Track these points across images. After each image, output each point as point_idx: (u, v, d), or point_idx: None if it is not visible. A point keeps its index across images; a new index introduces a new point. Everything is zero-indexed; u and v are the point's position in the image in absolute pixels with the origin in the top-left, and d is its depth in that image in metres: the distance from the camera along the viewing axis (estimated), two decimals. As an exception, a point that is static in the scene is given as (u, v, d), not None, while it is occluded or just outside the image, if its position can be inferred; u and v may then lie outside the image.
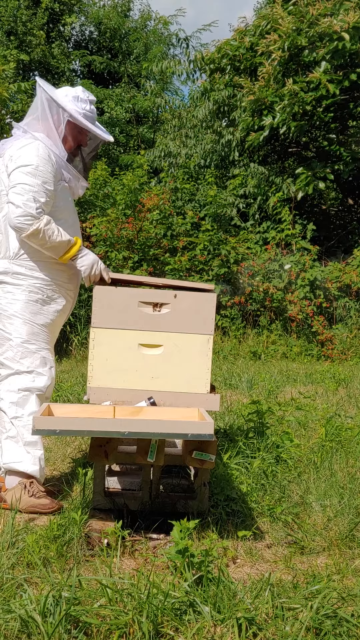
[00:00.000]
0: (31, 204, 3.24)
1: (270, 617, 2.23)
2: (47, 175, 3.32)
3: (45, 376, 3.45)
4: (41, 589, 2.41)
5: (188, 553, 2.43)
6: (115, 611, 2.19)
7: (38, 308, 3.44)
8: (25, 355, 3.42)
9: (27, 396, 3.40)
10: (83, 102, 3.47)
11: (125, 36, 19.62)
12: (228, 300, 10.69)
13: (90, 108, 3.49)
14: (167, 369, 3.18)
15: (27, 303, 3.41)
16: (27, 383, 3.41)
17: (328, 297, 10.99)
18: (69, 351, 9.53)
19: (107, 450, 2.96)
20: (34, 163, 3.30)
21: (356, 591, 2.45)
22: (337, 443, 4.43)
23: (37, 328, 3.45)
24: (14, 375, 3.42)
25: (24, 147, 3.35)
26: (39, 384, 3.42)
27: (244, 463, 3.92)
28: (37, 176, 3.28)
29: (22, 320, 3.41)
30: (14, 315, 3.41)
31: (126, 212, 10.92)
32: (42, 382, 3.43)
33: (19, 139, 3.43)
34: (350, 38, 10.27)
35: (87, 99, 3.48)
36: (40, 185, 3.28)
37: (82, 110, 3.45)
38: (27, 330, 3.42)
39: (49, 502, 3.34)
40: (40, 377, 3.43)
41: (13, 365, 3.42)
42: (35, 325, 3.44)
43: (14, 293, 3.41)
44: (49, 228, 3.27)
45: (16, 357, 3.41)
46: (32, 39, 16.76)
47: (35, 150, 3.33)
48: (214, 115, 12.94)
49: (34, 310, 3.43)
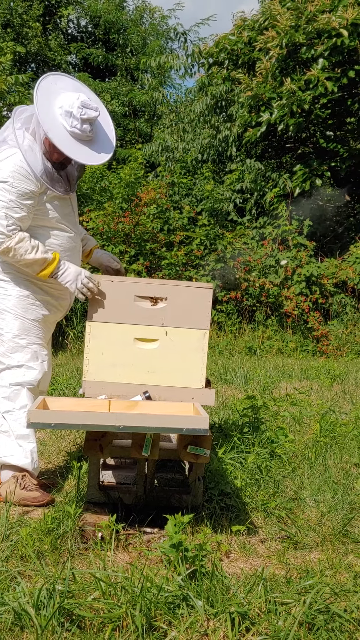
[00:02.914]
0: (2, 221, 3.21)
1: (263, 611, 2.24)
2: (24, 190, 3.24)
3: (36, 370, 3.45)
4: (35, 581, 2.42)
5: (182, 547, 2.44)
6: (108, 604, 2.19)
7: (29, 303, 3.43)
8: (16, 350, 3.42)
9: (18, 390, 3.41)
10: (74, 119, 3.21)
11: (122, 29, 19.55)
12: (224, 295, 10.69)
13: (81, 127, 3.22)
14: (162, 364, 3.18)
15: (19, 298, 3.41)
16: (17, 377, 3.41)
17: (324, 293, 10.99)
18: (64, 345, 9.53)
19: (102, 444, 2.97)
20: (9, 179, 3.23)
21: (349, 586, 2.46)
22: (332, 439, 4.44)
23: (29, 323, 3.44)
24: (4, 370, 3.43)
25: (3, 161, 3.28)
26: (30, 378, 3.42)
27: (238, 458, 3.93)
28: (11, 192, 3.22)
29: (13, 316, 3.41)
30: (5, 311, 3.41)
31: (123, 206, 10.89)
32: (33, 376, 3.43)
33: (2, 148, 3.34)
34: (348, 35, 10.25)
35: (79, 117, 3.20)
36: (14, 201, 3.22)
37: (70, 128, 3.23)
38: (18, 326, 3.42)
39: (39, 495, 3.35)
40: (31, 370, 3.43)
41: (4, 360, 3.43)
42: (27, 321, 3.43)
43: (5, 289, 3.41)
44: (21, 247, 3.22)
45: (7, 352, 3.42)
46: (28, 31, 16.68)
47: (12, 166, 3.24)
48: (211, 110, 12.91)
49: (25, 306, 3.42)
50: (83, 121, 3.23)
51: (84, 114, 3.22)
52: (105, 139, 3.43)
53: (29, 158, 3.26)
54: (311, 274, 10.69)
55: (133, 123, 17.94)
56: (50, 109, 3.26)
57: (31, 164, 3.26)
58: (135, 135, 17.83)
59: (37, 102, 3.23)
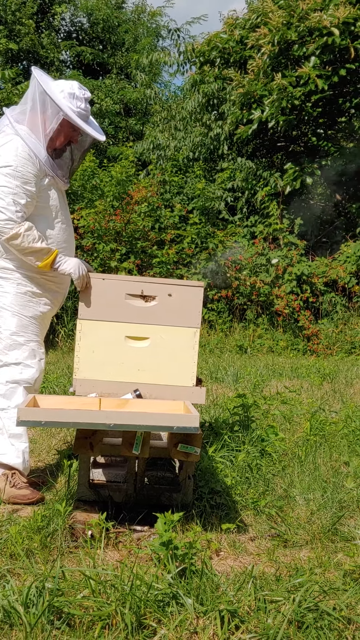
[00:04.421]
0: (11, 207, 3.21)
1: (253, 609, 2.24)
2: (27, 175, 3.26)
3: (34, 368, 3.44)
4: (24, 580, 2.41)
5: (172, 545, 2.44)
6: (98, 602, 2.19)
7: (27, 300, 3.42)
8: (14, 347, 3.41)
9: (14, 388, 3.39)
10: (78, 100, 3.35)
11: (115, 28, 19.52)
12: (215, 294, 10.70)
13: (85, 106, 3.38)
14: (153, 362, 3.18)
15: (16, 295, 3.40)
16: (14, 375, 3.39)
17: (314, 292, 11.02)
18: (55, 343, 9.51)
19: (92, 442, 2.96)
20: (12, 164, 3.24)
21: (338, 585, 2.47)
22: (321, 437, 4.45)
23: (26, 320, 3.43)
24: (1, 367, 3.41)
25: (2, 147, 3.29)
26: (27, 376, 3.41)
27: (228, 456, 3.93)
28: (16, 177, 3.23)
29: (10, 313, 3.40)
30: (3, 308, 3.40)
31: (114, 204, 10.88)
32: (30, 374, 3.42)
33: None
34: (340, 33, 10.27)
35: (82, 96, 3.37)
36: (19, 186, 3.24)
37: (76, 109, 3.34)
38: (16, 323, 3.40)
39: (29, 493, 3.35)
40: (29, 369, 3.42)
41: (1, 358, 3.41)
42: (24, 318, 3.42)
43: (3, 286, 3.40)
44: (30, 234, 3.23)
45: (4, 350, 3.40)
46: (21, 28, 16.62)
47: (14, 150, 3.26)
48: (203, 108, 12.91)
49: (23, 303, 3.41)
50: (85, 100, 3.40)
51: (84, 93, 3.40)
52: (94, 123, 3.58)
53: (30, 142, 3.30)
54: (302, 273, 10.71)
55: (125, 121, 17.92)
56: (56, 95, 3.34)
57: (33, 148, 3.30)
58: (126, 133, 17.80)
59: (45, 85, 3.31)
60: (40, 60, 17.19)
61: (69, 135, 3.42)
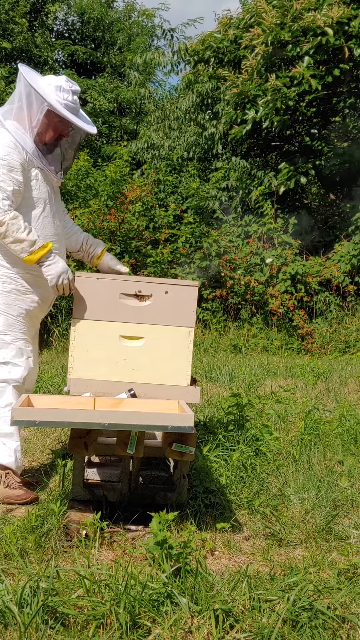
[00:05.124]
0: None
1: (247, 608, 2.24)
2: (13, 162, 3.25)
3: (22, 367, 3.42)
4: (18, 579, 2.41)
5: (166, 545, 2.44)
6: (92, 602, 2.19)
7: (12, 299, 3.39)
8: (1, 346, 3.39)
9: (3, 388, 3.38)
10: (65, 92, 3.35)
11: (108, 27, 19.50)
12: (209, 293, 10.70)
13: (72, 98, 3.38)
14: (147, 361, 3.18)
15: (1, 294, 3.37)
16: (3, 374, 3.38)
17: (309, 291, 11.03)
18: (49, 342, 9.50)
19: (86, 441, 2.96)
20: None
21: (332, 584, 2.47)
22: (316, 436, 4.46)
23: (12, 319, 3.40)
24: None
25: None
26: (16, 375, 3.39)
27: (223, 455, 3.93)
28: (2, 165, 3.23)
29: None
30: None
31: (108, 204, 10.87)
32: (19, 373, 3.40)
33: None
34: (333, 33, 10.28)
35: (69, 89, 3.36)
36: (5, 174, 3.22)
37: (63, 101, 3.34)
38: (2, 322, 3.38)
39: (23, 493, 3.34)
40: (17, 368, 3.40)
41: None
42: (10, 316, 3.39)
43: None
44: (14, 223, 3.20)
45: None
46: (15, 27, 16.58)
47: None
48: (197, 107, 12.91)
49: (8, 301, 3.39)
50: (73, 92, 3.39)
51: (72, 86, 3.40)
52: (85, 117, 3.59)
53: (17, 134, 3.30)
54: (296, 272, 10.73)
55: (119, 120, 17.90)
56: (43, 87, 3.35)
57: (19, 140, 3.30)
58: (121, 132, 17.79)
59: (31, 80, 3.32)
60: (34, 59, 17.16)
61: (59, 129, 3.40)
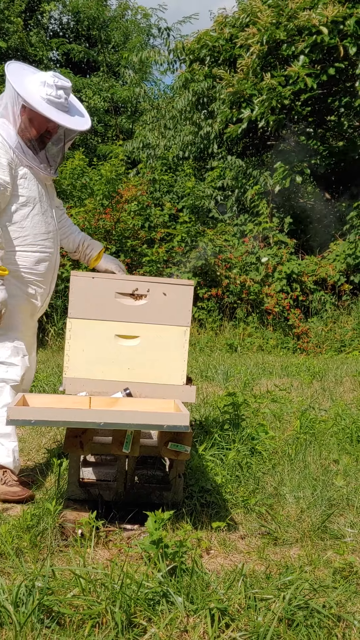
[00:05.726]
0: None
1: (243, 607, 2.25)
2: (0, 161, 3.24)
3: (18, 366, 3.40)
4: (13, 579, 2.41)
5: (162, 544, 2.44)
6: (88, 601, 2.19)
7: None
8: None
9: (1, 387, 3.37)
10: (49, 87, 3.30)
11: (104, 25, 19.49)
12: (205, 292, 10.70)
13: (56, 93, 3.31)
14: (143, 360, 3.17)
15: None
16: (0, 374, 3.37)
17: (304, 291, 11.05)
18: (45, 341, 9.49)
19: (82, 440, 2.96)
20: None
21: (328, 582, 2.48)
22: (311, 435, 4.46)
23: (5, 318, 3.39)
24: None
25: None
26: (13, 375, 3.38)
27: (219, 455, 3.93)
28: None
29: None
30: None
31: (104, 203, 10.86)
32: (16, 372, 3.39)
33: None
34: (328, 32, 10.29)
35: (54, 84, 3.31)
36: None
37: (46, 96, 3.29)
38: None
39: (19, 490, 3.33)
40: (13, 367, 3.39)
41: None
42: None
43: None
44: None
45: None
46: (9, 26, 16.55)
47: None
48: (193, 106, 12.91)
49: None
50: (57, 87, 3.33)
51: (57, 81, 3.35)
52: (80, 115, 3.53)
53: (3, 131, 3.29)
54: (292, 272, 10.75)
55: (114, 119, 17.89)
56: (24, 82, 3.33)
57: (6, 137, 3.28)
58: (116, 131, 17.78)
59: (10, 75, 3.29)
60: (29, 58, 17.14)
61: (43, 125, 3.36)
